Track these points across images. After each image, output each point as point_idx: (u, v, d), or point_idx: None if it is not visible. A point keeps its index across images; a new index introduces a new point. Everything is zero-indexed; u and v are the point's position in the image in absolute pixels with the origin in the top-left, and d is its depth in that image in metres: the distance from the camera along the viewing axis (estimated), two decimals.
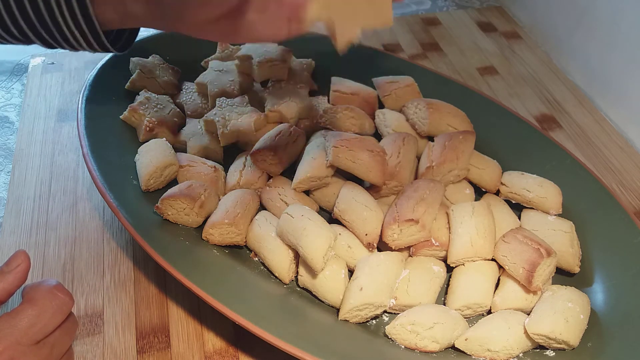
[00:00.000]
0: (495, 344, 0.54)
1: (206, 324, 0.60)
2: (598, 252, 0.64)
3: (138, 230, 0.58)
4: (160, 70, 0.78)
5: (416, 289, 0.59)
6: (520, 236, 0.60)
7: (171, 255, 0.57)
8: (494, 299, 0.60)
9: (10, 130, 0.83)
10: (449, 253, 0.61)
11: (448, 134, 0.70)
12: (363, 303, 0.56)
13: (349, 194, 0.64)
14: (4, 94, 0.89)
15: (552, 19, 1.01)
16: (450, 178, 0.68)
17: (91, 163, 0.63)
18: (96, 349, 0.58)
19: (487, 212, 0.63)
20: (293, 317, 0.57)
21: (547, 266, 0.58)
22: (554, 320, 0.54)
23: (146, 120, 0.71)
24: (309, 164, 0.66)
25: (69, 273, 0.64)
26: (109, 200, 0.60)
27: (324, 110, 0.74)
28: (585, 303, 0.57)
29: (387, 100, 0.78)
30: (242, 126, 0.71)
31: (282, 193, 0.66)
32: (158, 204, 0.61)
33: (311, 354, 0.51)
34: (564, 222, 0.65)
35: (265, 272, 0.62)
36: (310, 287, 0.60)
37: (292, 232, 0.58)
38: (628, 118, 0.86)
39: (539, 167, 0.71)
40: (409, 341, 0.55)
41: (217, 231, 0.61)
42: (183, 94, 0.78)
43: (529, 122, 0.77)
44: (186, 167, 0.68)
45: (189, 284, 0.55)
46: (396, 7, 1.13)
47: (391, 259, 0.59)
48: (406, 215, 0.60)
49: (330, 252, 0.58)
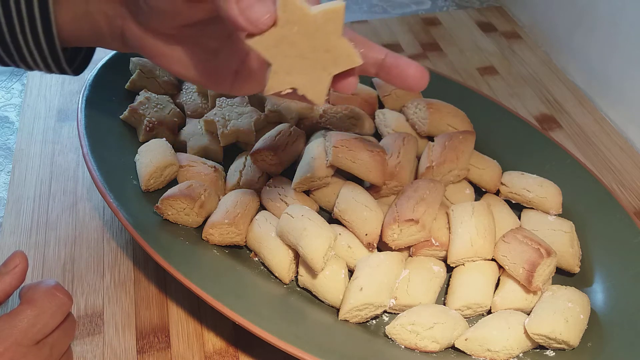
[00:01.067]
0: (495, 344, 0.54)
1: (206, 324, 0.60)
2: (598, 252, 0.64)
3: (138, 230, 0.58)
4: (160, 70, 0.78)
5: (416, 289, 0.59)
6: (520, 236, 0.60)
7: (171, 255, 0.57)
8: (494, 299, 0.59)
9: (10, 130, 0.83)
10: (449, 253, 0.61)
11: (448, 134, 0.70)
12: (363, 303, 0.56)
13: (349, 194, 0.64)
14: (4, 94, 0.89)
15: (552, 19, 1.01)
16: (450, 178, 0.68)
17: (91, 163, 0.63)
18: (96, 349, 0.58)
19: (487, 212, 0.63)
20: (293, 317, 0.57)
21: (547, 266, 0.58)
22: (554, 320, 0.54)
23: (146, 120, 0.71)
24: (308, 164, 0.66)
25: (69, 273, 0.64)
26: (109, 200, 0.60)
27: (323, 110, 0.74)
28: (585, 303, 0.57)
29: (387, 100, 0.78)
30: (242, 126, 0.71)
31: (282, 193, 0.66)
32: (158, 204, 0.61)
33: (311, 353, 0.51)
34: (564, 222, 0.65)
35: (265, 272, 0.62)
36: (310, 287, 0.60)
37: (292, 232, 0.58)
38: (628, 118, 0.86)
39: (538, 167, 0.71)
40: (409, 341, 0.55)
41: (217, 231, 0.61)
42: (183, 94, 0.78)
43: (529, 122, 0.77)
44: (186, 167, 0.68)
45: (188, 283, 0.55)
46: (396, 7, 1.13)
47: (391, 259, 0.59)
48: (406, 215, 0.60)
49: (330, 252, 0.58)
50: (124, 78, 0.77)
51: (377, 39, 0.99)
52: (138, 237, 0.57)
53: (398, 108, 0.78)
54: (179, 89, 0.79)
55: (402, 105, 0.77)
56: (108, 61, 0.77)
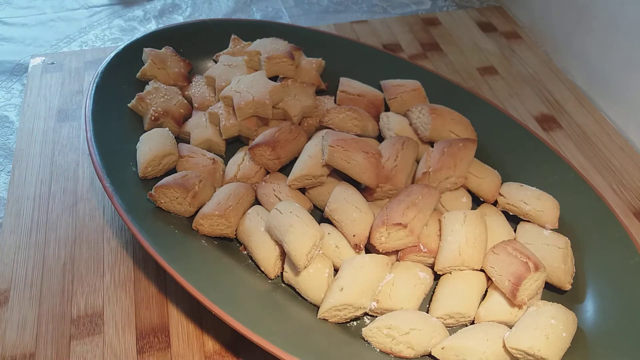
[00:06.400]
0: (471, 355, 0.53)
1: (206, 324, 0.60)
2: (593, 270, 0.62)
3: (129, 215, 0.59)
4: (171, 62, 0.79)
5: (399, 293, 0.58)
6: (510, 248, 0.59)
7: (157, 241, 0.57)
8: (479, 310, 0.58)
9: (10, 130, 0.83)
10: (436, 260, 0.61)
11: (448, 140, 0.69)
12: (342, 303, 0.56)
13: (341, 194, 0.64)
14: (4, 94, 0.90)
15: (552, 19, 1.00)
16: (447, 185, 0.68)
17: (93, 148, 0.65)
18: (96, 349, 0.58)
19: (479, 221, 0.62)
20: (272, 312, 0.57)
21: (535, 281, 0.57)
22: (534, 336, 0.52)
23: (152, 110, 0.72)
24: (305, 162, 0.66)
25: (69, 273, 0.64)
26: (104, 184, 0.61)
27: (327, 110, 0.74)
28: (571, 321, 0.55)
29: (393, 103, 0.78)
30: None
31: (276, 189, 0.67)
32: (152, 191, 0.62)
33: (285, 350, 0.50)
34: (559, 237, 0.63)
35: (252, 266, 0.62)
36: (294, 283, 0.60)
37: (278, 228, 0.58)
38: (628, 118, 0.85)
39: (541, 179, 0.70)
40: (384, 345, 0.55)
41: (207, 222, 0.62)
42: (193, 86, 0.80)
43: (536, 134, 0.75)
44: (186, 158, 0.69)
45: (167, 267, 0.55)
46: (396, 7, 1.13)
47: (376, 261, 0.59)
48: (395, 219, 0.59)
49: (315, 251, 0.58)
50: (136, 67, 0.78)
51: (377, 39, 0.99)
52: (127, 221, 0.58)
53: (403, 112, 0.77)
54: (188, 81, 0.80)
55: (407, 109, 0.76)
56: (121, 50, 0.78)
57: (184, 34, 0.84)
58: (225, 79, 0.76)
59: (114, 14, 1.08)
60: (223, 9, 1.11)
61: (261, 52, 0.78)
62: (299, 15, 1.10)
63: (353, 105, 0.76)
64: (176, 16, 1.09)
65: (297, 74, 0.79)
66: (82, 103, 0.84)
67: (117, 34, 1.04)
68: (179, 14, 1.09)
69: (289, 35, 0.83)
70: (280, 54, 0.77)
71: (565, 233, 0.65)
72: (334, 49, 0.85)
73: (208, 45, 0.84)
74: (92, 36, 1.02)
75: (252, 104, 0.71)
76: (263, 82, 0.73)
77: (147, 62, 0.78)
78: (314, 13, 1.11)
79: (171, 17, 1.09)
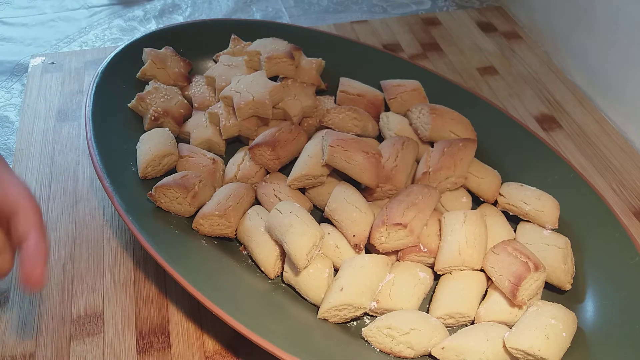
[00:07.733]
0: (471, 355, 0.53)
1: (206, 324, 0.60)
2: (593, 270, 0.62)
3: (129, 215, 0.59)
4: (171, 62, 0.79)
5: (399, 293, 0.58)
6: (510, 248, 0.59)
7: (156, 241, 0.58)
8: (479, 310, 0.58)
9: (10, 130, 0.83)
10: (436, 260, 0.61)
11: (448, 140, 0.69)
12: (342, 303, 0.56)
13: (341, 194, 0.64)
14: (4, 94, 0.90)
15: (552, 19, 1.00)
16: (447, 185, 0.68)
17: (93, 148, 0.65)
18: (96, 349, 0.58)
19: (479, 221, 0.62)
20: (272, 312, 0.57)
21: (535, 281, 0.57)
22: (533, 336, 0.52)
23: (152, 110, 0.72)
24: (305, 162, 0.66)
25: (69, 273, 0.64)
26: (104, 184, 0.61)
27: (327, 110, 0.74)
28: (571, 321, 0.55)
29: (393, 103, 0.78)
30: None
31: (276, 189, 0.67)
32: (152, 191, 0.62)
33: (285, 350, 0.50)
34: (559, 237, 0.64)
35: (252, 266, 0.62)
36: (294, 283, 0.60)
37: (278, 228, 0.58)
38: (628, 118, 0.85)
39: (542, 179, 0.70)
40: (384, 345, 0.55)
41: (207, 222, 0.62)
42: (193, 86, 0.80)
43: (536, 134, 0.75)
44: (186, 158, 0.69)
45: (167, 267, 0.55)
46: (396, 7, 1.13)
47: (376, 261, 0.59)
48: (395, 219, 0.59)
49: (315, 251, 0.58)
50: (136, 67, 0.78)
51: (377, 39, 0.99)
52: (127, 221, 0.58)
53: (403, 112, 0.77)
54: (188, 81, 0.80)
55: (407, 109, 0.76)
56: (121, 50, 0.78)
57: (184, 34, 0.84)
58: (225, 79, 0.76)
59: (114, 14, 1.08)
60: (223, 9, 1.11)
61: (261, 52, 0.78)
62: (299, 15, 1.10)
63: (353, 105, 0.76)
64: (176, 16, 1.09)
65: (297, 74, 0.79)
66: (82, 103, 0.83)
67: (117, 34, 1.04)
68: (179, 14, 1.09)
69: (289, 35, 0.83)
70: (280, 54, 0.77)
71: (565, 233, 0.65)
72: (334, 49, 0.85)
73: (208, 45, 0.84)
74: (92, 36, 1.02)
75: (252, 104, 0.71)
76: (263, 82, 0.73)
77: (147, 62, 0.78)
78: (314, 13, 1.11)
79: (171, 17, 1.09)
